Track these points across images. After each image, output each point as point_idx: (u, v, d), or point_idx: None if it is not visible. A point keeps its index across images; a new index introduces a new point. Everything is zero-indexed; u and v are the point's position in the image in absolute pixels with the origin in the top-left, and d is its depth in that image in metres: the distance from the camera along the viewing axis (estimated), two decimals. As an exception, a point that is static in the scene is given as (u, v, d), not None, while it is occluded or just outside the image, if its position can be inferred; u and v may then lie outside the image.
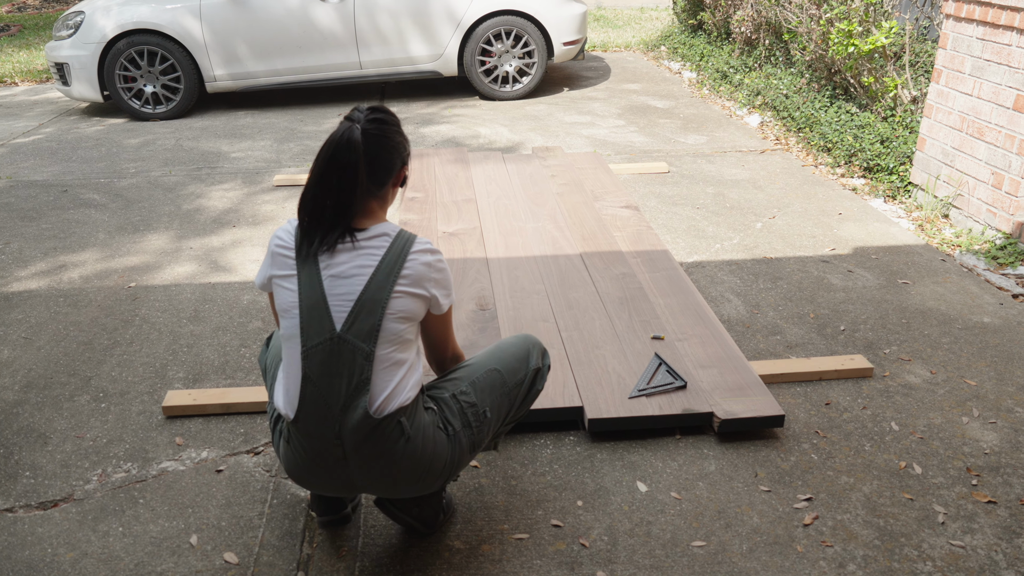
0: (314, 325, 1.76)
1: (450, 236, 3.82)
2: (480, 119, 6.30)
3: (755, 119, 6.09)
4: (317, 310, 1.76)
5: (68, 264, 3.85)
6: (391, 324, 1.78)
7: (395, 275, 1.77)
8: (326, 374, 1.76)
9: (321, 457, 1.83)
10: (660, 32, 9.65)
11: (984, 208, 3.91)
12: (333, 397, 1.77)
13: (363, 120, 1.79)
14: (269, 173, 5.13)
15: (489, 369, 2.02)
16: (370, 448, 1.80)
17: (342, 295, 1.76)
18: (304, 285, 1.77)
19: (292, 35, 6.36)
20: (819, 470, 2.39)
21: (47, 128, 6.31)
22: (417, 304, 1.82)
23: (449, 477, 1.97)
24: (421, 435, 1.85)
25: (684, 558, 2.08)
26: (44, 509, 2.28)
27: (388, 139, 1.81)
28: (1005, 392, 2.76)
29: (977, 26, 3.91)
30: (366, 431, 1.78)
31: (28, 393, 2.82)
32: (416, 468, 1.86)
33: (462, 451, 1.95)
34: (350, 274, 1.77)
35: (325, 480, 1.88)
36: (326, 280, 1.77)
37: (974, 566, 2.05)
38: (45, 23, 11.51)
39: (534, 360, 2.10)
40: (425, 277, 1.81)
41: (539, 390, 2.13)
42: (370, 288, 1.76)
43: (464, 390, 1.97)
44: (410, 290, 1.79)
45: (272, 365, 2.09)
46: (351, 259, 1.77)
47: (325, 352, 1.76)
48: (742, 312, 3.30)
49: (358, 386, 1.76)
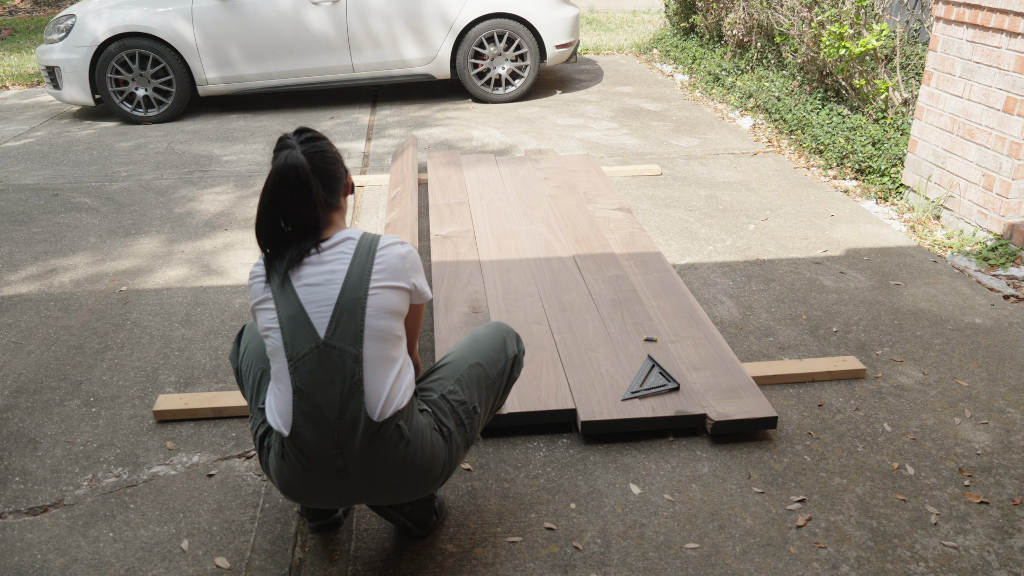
0: (298, 336, 1.75)
1: (443, 239, 3.82)
2: (473, 122, 6.30)
3: (747, 121, 6.10)
4: (297, 321, 1.75)
5: (59, 268, 3.83)
6: (375, 322, 1.77)
7: (368, 272, 1.78)
8: (317, 383, 1.75)
9: (318, 470, 1.80)
10: (652, 35, 9.67)
11: (975, 209, 3.93)
12: (328, 406, 1.76)
13: (298, 143, 1.82)
14: (261, 176, 5.11)
15: (471, 364, 2.02)
16: (370, 455, 1.78)
17: (319, 302, 1.76)
18: (280, 302, 1.77)
19: (284, 38, 6.35)
20: (812, 471, 2.40)
21: (38, 132, 6.29)
22: (398, 297, 1.82)
23: (447, 478, 1.96)
24: (420, 438, 1.84)
25: (677, 560, 2.07)
26: (34, 515, 2.26)
27: (327, 153, 1.86)
28: (997, 393, 2.77)
29: (967, 29, 3.93)
30: (367, 437, 1.77)
31: (18, 398, 2.81)
32: (416, 472, 1.85)
33: (458, 450, 1.95)
34: (323, 281, 1.77)
35: (322, 492, 1.84)
36: (300, 291, 1.77)
37: (967, 566, 2.05)
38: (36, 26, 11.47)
39: (511, 348, 2.10)
40: (401, 268, 1.82)
41: (516, 378, 2.14)
42: (347, 290, 1.76)
43: (452, 388, 1.97)
44: (389, 283, 1.80)
45: (249, 372, 2.03)
46: (321, 268, 1.78)
47: (313, 361, 1.75)
48: (735, 314, 3.30)
49: (352, 390, 1.75)
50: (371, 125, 6.26)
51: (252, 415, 1.98)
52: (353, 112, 6.70)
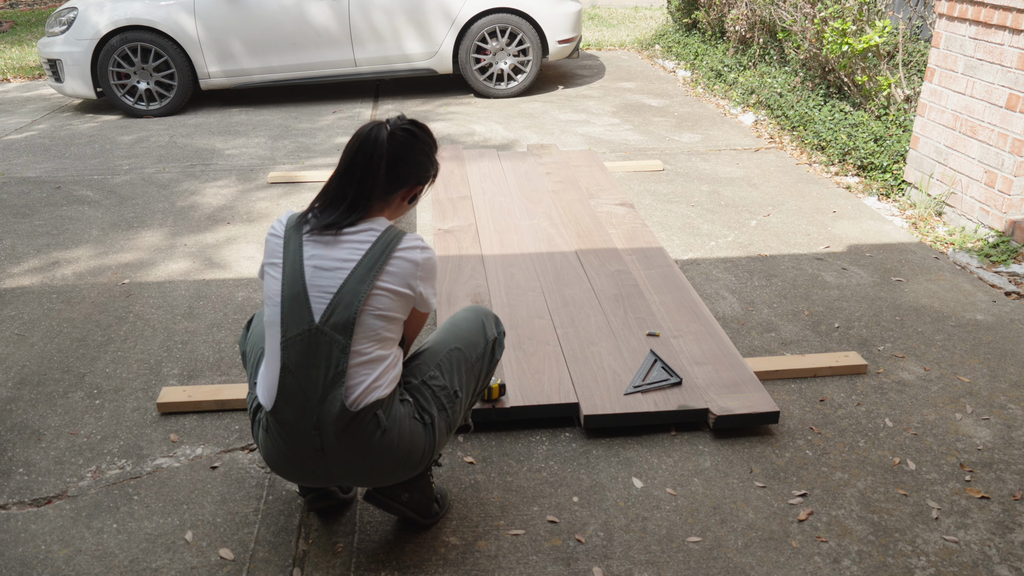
0: (294, 316, 1.78)
1: (445, 233, 3.82)
2: (475, 117, 6.30)
3: (749, 117, 6.10)
4: (297, 300, 1.78)
5: (61, 261, 3.83)
6: (369, 320, 1.78)
7: (376, 271, 1.77)
8: (304, 365, 1.78)
9: (299, 447, 1.84)
10: (654, 31, 9.66)
11: (977, 206, 3.93)
12: (311, 388, 1.79)
13: (396, 125, 1.84)
14: (263, 170, 5.12)
15: (451, 349, 2.03)
16: (347, 440, 1.82)
17: (322, 287, 1.78)
18: (287, 275, 1.80)
19: (287, 32, 6.35)
20: (814, 466, 2.40)
21: (40, 125, 6.29)
22: (398, 302, 1.82)
23: (429, 463, 1.99)
24: (397, 427, 1.86)
25: (679, 553, 2.08)
26: (38, 506, 2.27)
27: (410, 150, 1.84)
28: (998, 389, 2.78)
29: (970, 25, 3.93)
30: (343, 423, 1.80)
31: (22, 390, 2.81)
32: (392, 459, 1.88)
33: (440, 435, 1.97)
34: (332, 267, 1.78)
35: (302, 470, 1.89)
36: (308, 270, 1.79)
37: (967, 561, 2.06)
38: (38, 19, 11.46)
39: (490, 331, 2.11)
40: (411, 275, 1.81)
41: (498, 359, 2.15)
42: (349, 282, 1.77)
43: (432, 374, 1.98)
44: (392, 287, 1.79)
45: (252, 352, 2.09)
46: (334, 253, 1.79)
47: (303, 343, 1.78)
48: (737, 309, 3.31)
49: (335, 378, 1.78)
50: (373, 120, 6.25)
51: (250, 391, 2.02)
52: (355, 106, 6.70)
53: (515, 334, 2.92)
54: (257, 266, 3.74)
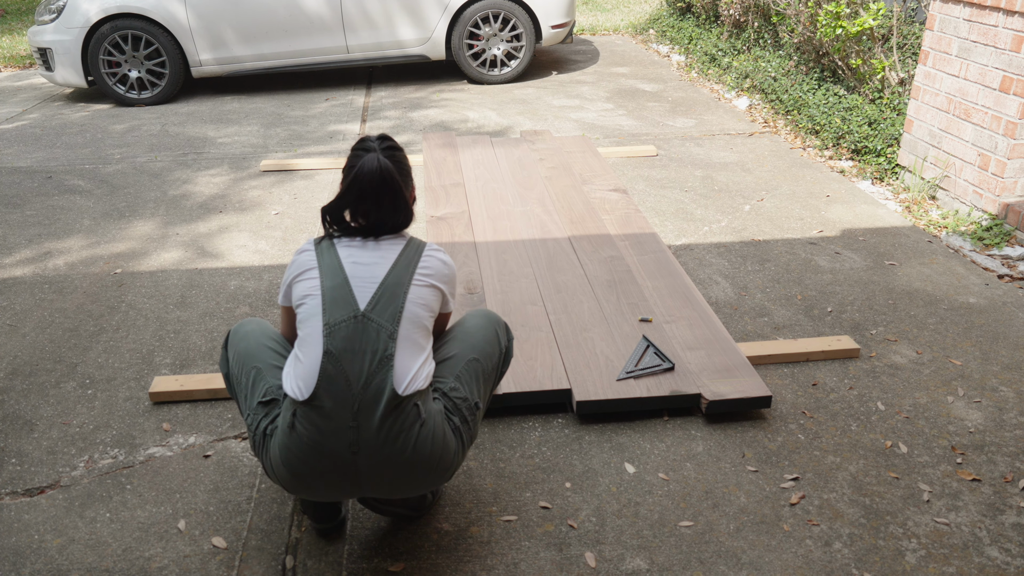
0: (338, 304, 1.81)
1: (438, 220, 3.81)
2: (468, 103, 6.27)
3: (743, 102, 6.08)
4: (340, 290, 1.82)
5: (53, 251, 3.82)
6: (413, 308, 1.84)
7: (414, 267, 1.89)
8: (349, 350, 1.77)
9: (331, 442, 1.76)
10: (648, 15, 9.61)
11: (971, 189, 3.93)
12: (355, 375, 1.77)
13: (379, 149, 1.93)
14: (256, 158, 5.09)
15: (469, 360, 2.00)
16: (386, 431, 1.76)
17: (365, 278, 1.84)
18: (326, 271, 1.85)
19: (278, 19, 6.31)
20: (806, 450, 2.41)
21: (31, 114, 6.25)
22: (434, 296, 1.91)
23: (454, 472, 1.93)
24: (434, 422, 1.83)
25: (672, 538, 2.09)
26: (30, 496, 2.27)
27: (404, 165, 1.98)
28: (990, 371, 2.78)
29: (964, 7, 3.91)
30: (388, 409, 1.75)
31: (13, 380, 2.81)
32: (428, 457, 1.81)
33: (462, 447, 1.93)
34: (371, 262, 1.87)
35: (327, 471, 1.79)
36: (347, 265, 1.86)
37: (958, 543, 2.07)
38: (28, 7, 11.37)
39: (503, 340, 2.11)
40: (442, 273, 1.94)
41: (507, 369, 2.17)
42: (392, 274, 1.85)
43: (453, 386, 1.94)
44: (430, 281, 1.90)
45: (243, 371, 1.98)
46: (371, 253, 1.89)
47: (349, 329, 1.79)
48: (730, 294, 3.31)
49: (382, 362, 1.77)
50: (366, 107, 6.23)
51: (250, 413, 1.91)
52: (348, 94, 6.67)
53: (508, 320, 2.92)
54: (249, 255, 3.73)
